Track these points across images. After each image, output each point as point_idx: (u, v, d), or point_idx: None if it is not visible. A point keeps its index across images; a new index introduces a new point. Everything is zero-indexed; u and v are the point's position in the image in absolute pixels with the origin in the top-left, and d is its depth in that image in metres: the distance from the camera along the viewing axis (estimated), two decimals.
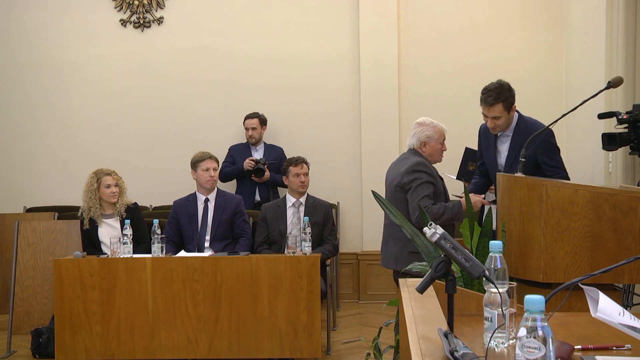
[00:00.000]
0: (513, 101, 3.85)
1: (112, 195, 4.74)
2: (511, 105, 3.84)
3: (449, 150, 4.07)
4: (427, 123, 3.94)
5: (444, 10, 6.17)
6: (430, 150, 3.91)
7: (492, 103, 3.80)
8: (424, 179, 3.79)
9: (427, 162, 3.88)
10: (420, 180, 3.80)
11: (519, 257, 2.80)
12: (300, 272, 4.17)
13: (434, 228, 1.70)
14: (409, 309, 1.89)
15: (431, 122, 3.94)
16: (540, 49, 6.01)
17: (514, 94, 3.85)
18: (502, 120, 3.84)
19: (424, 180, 3.79)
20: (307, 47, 6.26)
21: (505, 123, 3.88)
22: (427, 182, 3.79)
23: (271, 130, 6.17)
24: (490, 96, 3.80)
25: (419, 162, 3.84)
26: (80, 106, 6.43)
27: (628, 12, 4.58)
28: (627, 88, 4.49)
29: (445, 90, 6.16)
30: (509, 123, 3.90)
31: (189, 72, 6.34)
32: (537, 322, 1.24)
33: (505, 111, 3.82)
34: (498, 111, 3.81)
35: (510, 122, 3.91)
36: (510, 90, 3.84)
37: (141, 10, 6.36)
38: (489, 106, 3.81)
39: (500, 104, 3.79)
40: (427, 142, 3.91)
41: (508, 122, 3.89)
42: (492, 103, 3.80)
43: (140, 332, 4.20)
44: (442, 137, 3.94)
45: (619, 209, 2.63)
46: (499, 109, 3.80)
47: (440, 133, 3.93)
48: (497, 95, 3.79)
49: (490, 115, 3.84)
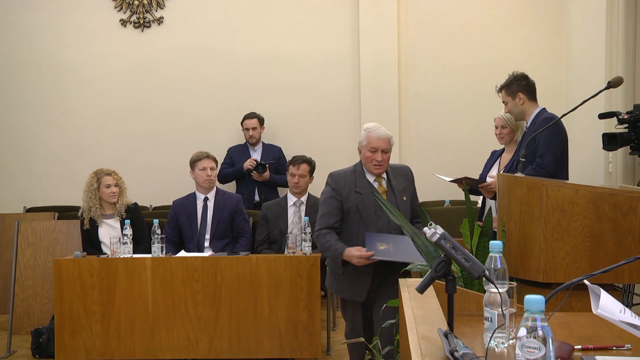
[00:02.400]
0: (519, 90, 3.98)
1: (112, 195, 4.74)
2: (515, 93, 3.99)
3: (446, 152, 4.08)
4: (365, 128, 3.70)
5: (444, 10, 6.17)
6: (362, 159, 3.69)
7: (498, 90, 4.11)
8: (327, 194, 3.64)
9: (358, 171, 3.67)
10: (324, 196, 3.67)
11: (519, 257, 2.80)
12: (300, 272, 4.17)
13: (434, 228, 1.70)
14: (409, 309, 1.89)
15: (368, 128, 3.67)
16: (540, 49, 6.01)
17: (522, 83, 3.99)
18: (509, 105, 4.04)
19: (327, 195, 3.63)
20: (307, 47, 6.26)
21: (514, 109, 4.04)
22: (329, 198, 3.61)
23: (271, 131, 6.17)
24: (499, 85, 4.12)
25: (331, 173, 3.71)
26: (80, 106, 6.43)
27: (628, 12, 4.59)
28: (627, 88, 4.49)
29: (445, 90, 6.16)
30: (520, 111, 4.02)
31: (188, 72, 6.35)
32: (537, 322, 1.24)
33: (509, 97, 4.01)
34: (502, 96, 4.07)
35: (522, 111, 4.01)
36: (516, 79, 4.01)
37: (141, 10, 6.36)
38: (499, 92, 4.12)
39: (502, 90, 4.06)
40: (360, 150, 3.70)
41: (516, 108, 4.02)
42: (498, 90, 4.11)
43: (140, 332, 4.20)
44: (371, 145, 3.59)
45: (619, 209, 2.63)
46: (502, 95, 4.07)
47: (369, 140, 3.60)
48: (503, 83, 4.07)
49: (501, 100, 4.12)
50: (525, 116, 4.00)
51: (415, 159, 6.19)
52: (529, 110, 3.99)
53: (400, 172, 3.76)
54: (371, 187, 3.60)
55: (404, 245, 3.34)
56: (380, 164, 3.58)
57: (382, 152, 3.58)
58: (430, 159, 6.14)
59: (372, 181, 3.64)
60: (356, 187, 3.60)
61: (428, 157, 6.16)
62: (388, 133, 3.65)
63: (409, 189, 3.69)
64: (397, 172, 3.74)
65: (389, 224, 3.48)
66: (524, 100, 3.97)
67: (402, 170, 3.79)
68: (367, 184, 3.63)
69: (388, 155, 3.64)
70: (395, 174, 3.72)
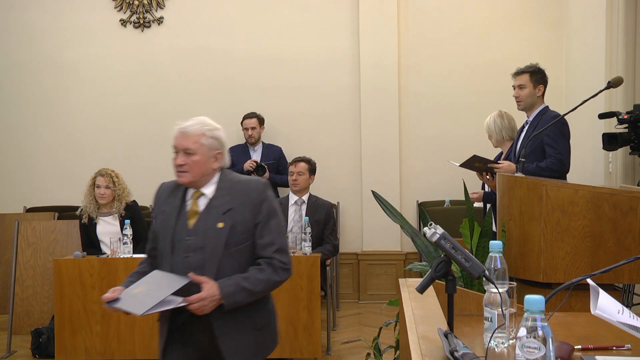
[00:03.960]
0: (542, 81, 4.00)
1: (100, 197, 4.70)
2: (538, 83, 3.99)
3: (446, 152, 4.06)
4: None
5: (444, 10, 6.17)
6: None
7: (520, 72, 4.03)
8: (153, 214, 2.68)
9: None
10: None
11: (519, 257, 2.80)
12: (300, 272, 4.17)
13: (434, 228, 1.70)
14: (409, 309, 1.89)
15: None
16: (540, 49, 6.00)
17: (545, 78, 4.03)
18: (526, 91, 3.99)
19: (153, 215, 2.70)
20: (307, 47, 6.26)
21: (528, 97, 4.00)
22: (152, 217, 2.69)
23: (271, 131, 6.17)
24: (521, 68, 4.05)
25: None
26: (80, 106, 6.43)
27: (628, 12, 4.58)
28: (627, 88, 4.49)
29: (445, 90, 6.16)
30: (533, 102, 4.01)
31: (188, 72, 6.35)
32: (537, 322, 1.24)
33: (531, 83, 3.98)
34: (524, 80, 3.99)
35: (534, 102, 4.01)
36: (541, 71, 4.02)
37: (141, 10, 6.36)
38: (517, 75, 4.03)
39: (527, 74, 3.99)
40: None
41: (532, 98, 4.00)
42: (520, 72, 4.03)
43: (140, 332, 4.20)
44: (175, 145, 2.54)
45: (619, 209, 2.63)
46: (525, 78, 3.99)
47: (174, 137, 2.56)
48: (526, 67, 4.03)
49: (516, 83, 4.03)
50: (532, 108, 4.02)
51: (415, 159, 6.20)
52: (537, 104, 4.02)
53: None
54: (180, 204, 2.54)
55: (153, 292, 2.38)
56: (179, 169, 2.50)
57: (185, 153, 2.49)
58: (430, 159, 6.14)
59: (190, 196, 2.56)
60: (164, 203, 2.60)
61: (428, 157, 6.16)
62: (195, 127, 2.54)
63: (241, 214, 2.46)
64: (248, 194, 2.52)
65: (186, 261, 2.46)
66: (540, 93, 4.01)
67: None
68: (179, 199, 2.56)
69: (193, 160, 2.48)
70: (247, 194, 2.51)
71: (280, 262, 2.49)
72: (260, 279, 2.45)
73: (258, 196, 2.51)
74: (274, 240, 2.50)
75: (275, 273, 2.48)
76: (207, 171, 2.52)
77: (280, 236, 2.55)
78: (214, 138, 2.54)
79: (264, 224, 2.49)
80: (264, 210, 2.50)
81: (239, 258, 2.48)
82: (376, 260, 6.19)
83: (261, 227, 2.49)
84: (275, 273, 2.48)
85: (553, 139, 3.78)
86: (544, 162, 3.74)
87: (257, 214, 2.48)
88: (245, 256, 2.49)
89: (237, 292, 2.41)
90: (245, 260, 2.49)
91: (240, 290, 2.41)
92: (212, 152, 2.52)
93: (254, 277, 2.44)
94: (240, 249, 2.47)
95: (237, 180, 2.57)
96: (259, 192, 2.52)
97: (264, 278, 2.46)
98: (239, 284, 2.42)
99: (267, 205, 2.51)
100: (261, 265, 2.47)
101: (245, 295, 2.43)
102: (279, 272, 2.49)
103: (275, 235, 2.51)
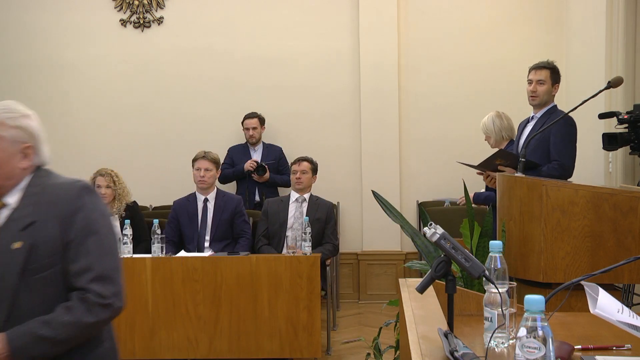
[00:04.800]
0: (558, 81, 4.02)
1: (101, 197, 4.69)
2: (555, 81, 4.00)
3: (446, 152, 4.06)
4: None
5: (444, 10, 6.17)
6: None
7: (542, 67, 4.00)
8: None
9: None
10: None
11: (519, 257, 2.80)
12: (300, 272, 4.17)
13: (434, 228, 1.70)
14: (409, 309, 1.89)
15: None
16: (540, 50, 5.99)
17: (560, 78, 4.05)
18: (545, 87, 3.98)
19: None
20: (307, 47, 6.26)
21: (545, 94, 3.99)
22: None
23: (271, 131, 6.17)
24: (541, 63, 4.03)
25: None
26: (80, 106, 6.43)
27: (628, 12, 4.58)
28: (627, 88, 4.49)
29: (445, 90, 6.16)
30: (547, 100, 4.01)
31: (188, 72, 6.34)
32: (537, 322, 1.24)
33: (550, 80, 3.98)
34: (544, 75, 3.98)
35: (547, 100, 4.02)
36: (558, 70, 4.05)
37: (141, 10, 6.36)
38: (538, 69, 4.00)
39: (549, 70, 3.98)
40: None
41: (548, 96, 4.00)
42: (542, 67, 4.00)
43: (140, 332, 4.20)
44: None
45: (619, 209, 2.63)
46: (546, 74, 3.98)
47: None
48: (548, 64, 4.02)
49: (536, 77, 4.00)
50: (544, 105, 4.02)
51: (415, 159, 6.20)
52: (549, 101, 4.04)
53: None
54: None
55: None
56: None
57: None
58: (430, 159, 6.15)
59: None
60: None
61: (428, 157, 6.16)
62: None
63: (46, 229, 1.84)
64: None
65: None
66: (555, 92, 4.03)
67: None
68: None
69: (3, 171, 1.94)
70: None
71: (96, 296, 1.81)
72: (66, 322, 1.79)
73: (69, 205, 1.87)
74: (91, 264, 1.83)
75: (88, 312, 1.81)
76: (11, 173, 1.94)
77: (102, 259, 1.85)
78: (19, 128, 1.99)
79: (78, 242, 1.84)
80: (78, 224, 1.85)
81: (42, 290, 1.82)
82: (376, 260, 6.19)
83: (75, 248, 1.83)
84: (88, 312, 1.81)
85: (559, 142, 3.80)
86: (546, 167, 3.77)
87: (67, 230, 1.84)
88: (52, 288, 1.83)
89: (31, 344, 1.77)
90: (53, 293, 1.83)
91: (38, 342, 1.77)
92: (17, 146, 1.97)
93: (57, 320, 1.79)
94: (45, 277, 1.82)
95: (50, 184, 1.99)
96: (70, 200, 1.89)
97: (71, 320, 1.79)
98: (35, 333, 1.77)
99: (83, 216, 1.86)
100: (71, 302, 1.81)
101: (46, 347, 1.79)
102: (93, 311, 1.81)
103: (94, 258, 1.83)
